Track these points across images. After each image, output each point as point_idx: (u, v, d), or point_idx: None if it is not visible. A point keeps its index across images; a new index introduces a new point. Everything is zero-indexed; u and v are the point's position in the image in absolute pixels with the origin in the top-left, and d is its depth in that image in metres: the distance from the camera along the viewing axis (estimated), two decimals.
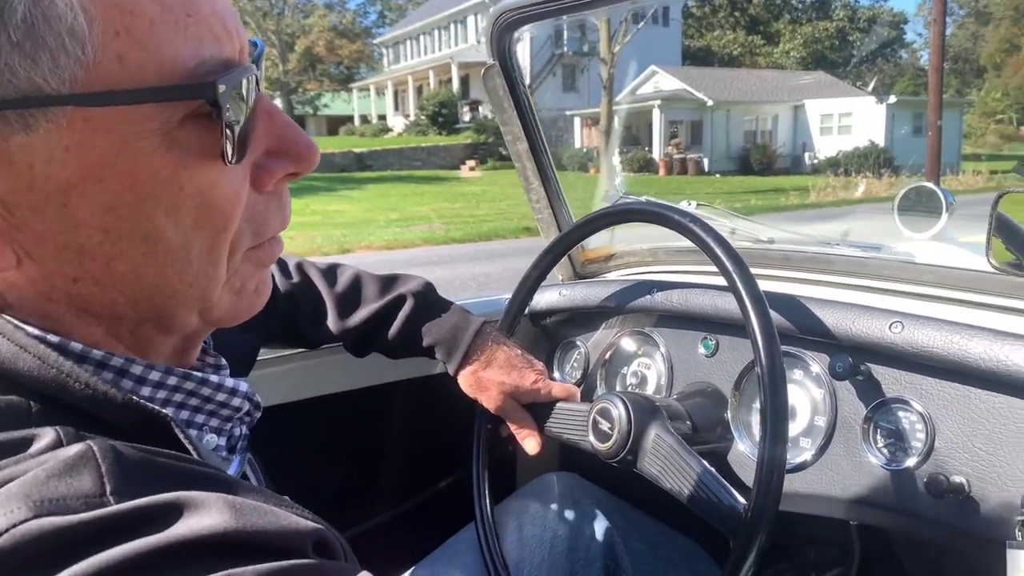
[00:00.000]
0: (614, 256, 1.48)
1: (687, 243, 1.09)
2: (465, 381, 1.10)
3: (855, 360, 0.98)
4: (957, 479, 0.87)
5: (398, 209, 15.31)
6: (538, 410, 1.18)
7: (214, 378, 0.58)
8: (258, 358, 1.04)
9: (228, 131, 0.47)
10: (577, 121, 26.75)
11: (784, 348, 1.04)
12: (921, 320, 0.91)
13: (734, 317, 1.11)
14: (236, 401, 0.60)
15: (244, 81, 0.48)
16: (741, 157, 27.54)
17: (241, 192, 0.51)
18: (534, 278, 1.21)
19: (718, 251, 0.95)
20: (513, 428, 1.14)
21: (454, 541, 1.23)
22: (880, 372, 0.97)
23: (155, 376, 0.53)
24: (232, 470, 0.62)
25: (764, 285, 0.94)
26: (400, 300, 1.08)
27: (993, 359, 0.84)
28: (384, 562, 1.22)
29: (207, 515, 0.41)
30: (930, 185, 1.74)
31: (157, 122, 0.46)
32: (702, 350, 1.19)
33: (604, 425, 1.08)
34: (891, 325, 0.93)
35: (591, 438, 1.10)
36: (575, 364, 1.42)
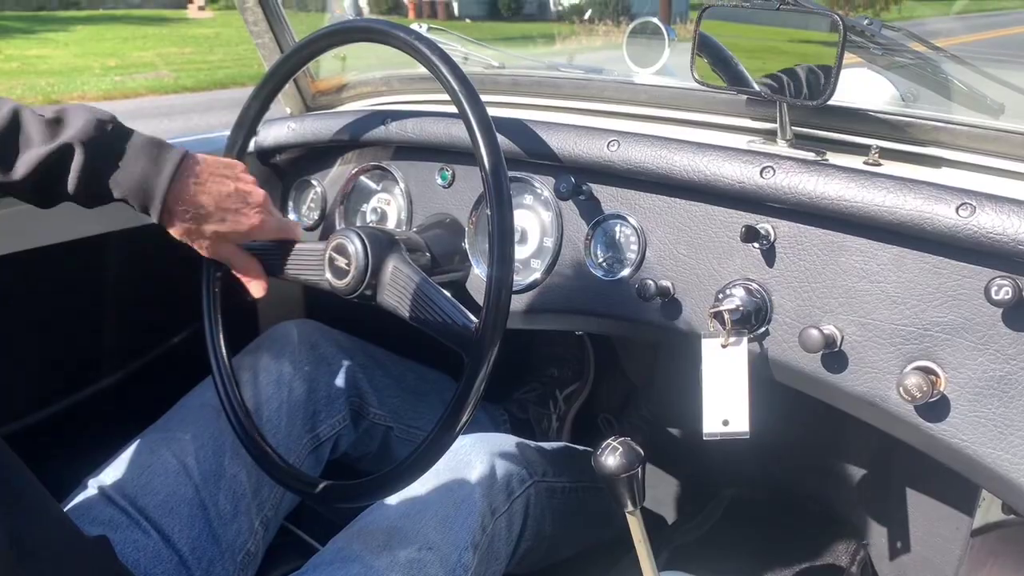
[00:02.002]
0: (346, 86, 1.40)
1: (421, 70, 1.04)
2: (175, 232, 0.96)
3: (578, 180, 1.01)
4: (664, 283, 0.95)
5: (117, 54, 13.47)
6: (270, 252, 1.12)
7: None
8: None
9: None
10: None
11: (513, 173, 1.06)
12: (635, 137, 0.96)
13: (468, 145, 1.10)
14: None
15: None
16: (490, 2, 27.27)
17: None
18: (255, 109, 1.11)
19: (446, 73, 0.91)
20: (237, 273, 1.05)
21: (190, 398, 1.17)
22: (600, 190, 1.02)
23: None
24: None
25: (494, 111, 0.93)
26: (67, 150, 0.87)
27: (694, 170, 0.90)
28: (116, 425, 1.14)
29: None
30: (655, 21, 1.81)
31: None
32: (439, 181, 1.18)
33: (340, 262, 1.05)
34: (608, 144, 0.97)
35: (328, 276, 1.06)
36: (312, 204, 1.35)
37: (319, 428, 1.22)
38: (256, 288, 1.04)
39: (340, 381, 1.27)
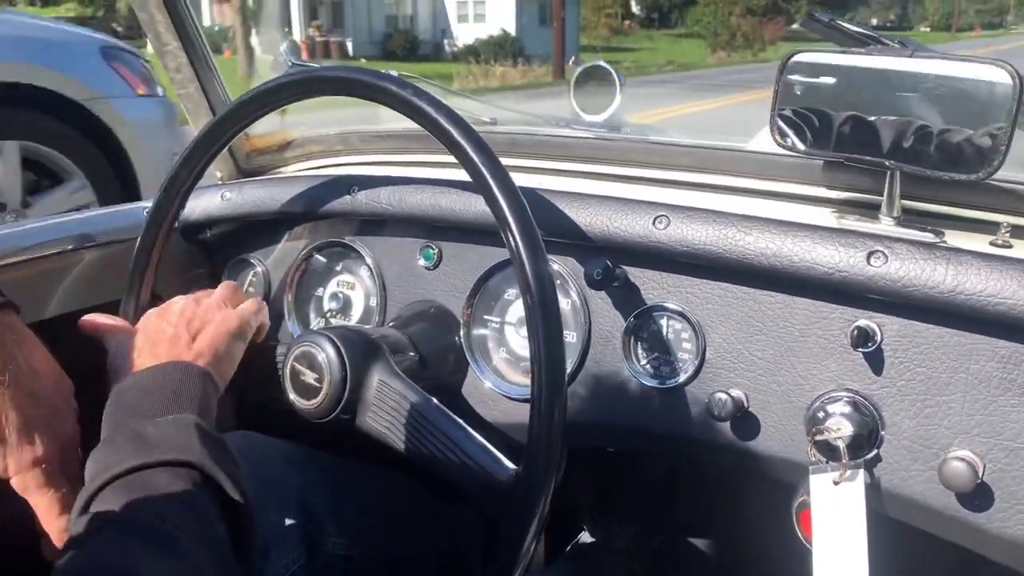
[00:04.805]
0: (291, 144, 1.15)
1: (391, 127, 0.83)
2: None
3: (612, 263, 0.81)
4: (734, 393, 0.76)
5: None
6: None
7: None
8: None
9: None
10: None
11: None
12: (689, 212, 0.77)
13: (462, 219, 0.89)
14: None
15: None
16: (384, 42, 27.24)
17: None
18: (185, 177, 0.86)
19: (455, 134, 0.70)
20: None
21: None
22: (639, 275, 0.82)
23: None
24: None
25: None
26: None
27: (776, 255, 0.72)
28: None
29: None
30: (604, 65, 1.65)
31: None
32: (422, 261, 0.95)
33: (308, 376, 0.81)
34: (655, 220, 0.78)
35: (292, 396, 0.82)
36: (251, 288, 1.10)
37: (269, 573, 0.97)
38: None
39: (291, 508, 1.03)
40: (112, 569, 0.51)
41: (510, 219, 0.67)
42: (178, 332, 0.75)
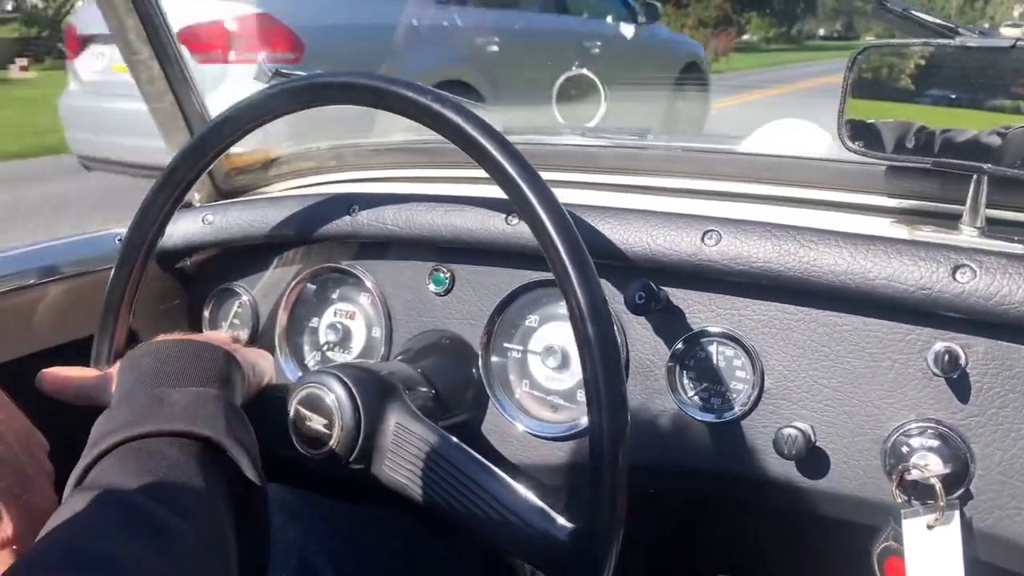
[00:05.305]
0: (277, 161, 1.05)
1: (390, 139, 0.74)
2: None
3: (655, 284, 0.73)
4: (800, 426, 0.68)
5: None
6: None
7: None
8: None
9: None
10: None
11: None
12: (743, 227, 0.69)
13: (479, 240, 0.80)
14: None
15: None
16: None
17: None
18: (169, 202, 0.76)
19: (488, 146, 0.62)
20: None
21: None
22: (684, 297, 0.74)
23: None
24: None
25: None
26: None
27: (848, 272, 0.64)
28: None
29: None
30: (588, 73, 1.59)
31: None
32: (432, 287, 0.86)
33: (316, 423, 0.71)
34: (705, 235, 0.70)
35: (297, 445, 0.72)
36: (237, 320, 0.99)
37: None
38: None
39: (288, 562, 0.93)
40: (83, 553, 0.45)
41: (557, 241, 0.59)
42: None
